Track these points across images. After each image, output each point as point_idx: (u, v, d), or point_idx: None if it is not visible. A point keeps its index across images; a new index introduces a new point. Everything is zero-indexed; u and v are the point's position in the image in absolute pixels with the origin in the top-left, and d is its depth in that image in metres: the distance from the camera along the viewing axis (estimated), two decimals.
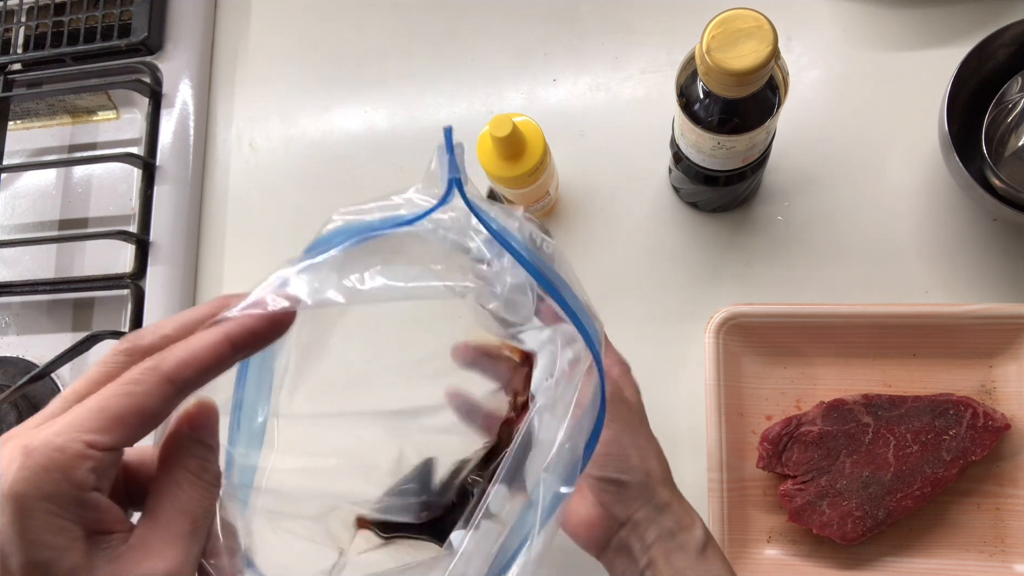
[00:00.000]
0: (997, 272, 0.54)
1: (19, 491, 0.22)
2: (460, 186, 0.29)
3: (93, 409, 0.23)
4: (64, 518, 0.23)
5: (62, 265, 0.70)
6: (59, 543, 0.23)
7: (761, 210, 0.58)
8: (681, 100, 0.46)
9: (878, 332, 0.51)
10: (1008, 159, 0.51)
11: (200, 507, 0.26)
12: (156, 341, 0.25)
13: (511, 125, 0.49)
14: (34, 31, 0.74)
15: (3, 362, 0.69)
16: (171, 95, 0.70)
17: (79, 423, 0.23)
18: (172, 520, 0.25)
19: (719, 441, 0.50)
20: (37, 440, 0.23)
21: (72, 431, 0.23)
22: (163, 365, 0.24)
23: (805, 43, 0.60)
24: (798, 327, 0.52)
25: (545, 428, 0.28)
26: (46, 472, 0.22)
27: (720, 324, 0.52)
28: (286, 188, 0.68)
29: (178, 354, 0.24)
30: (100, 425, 0.23)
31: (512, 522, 0.28)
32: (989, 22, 0.53)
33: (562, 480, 0.27)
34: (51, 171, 0.73)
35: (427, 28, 0.67)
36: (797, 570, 0.50)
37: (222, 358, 0.25)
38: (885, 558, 0.50)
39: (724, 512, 0.50)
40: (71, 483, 0.23)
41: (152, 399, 0.24)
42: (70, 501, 0.23)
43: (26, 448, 0.22)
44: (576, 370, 0.29)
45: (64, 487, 0.22)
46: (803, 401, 0.53)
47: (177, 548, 0.24)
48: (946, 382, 0.51)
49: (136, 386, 0.24)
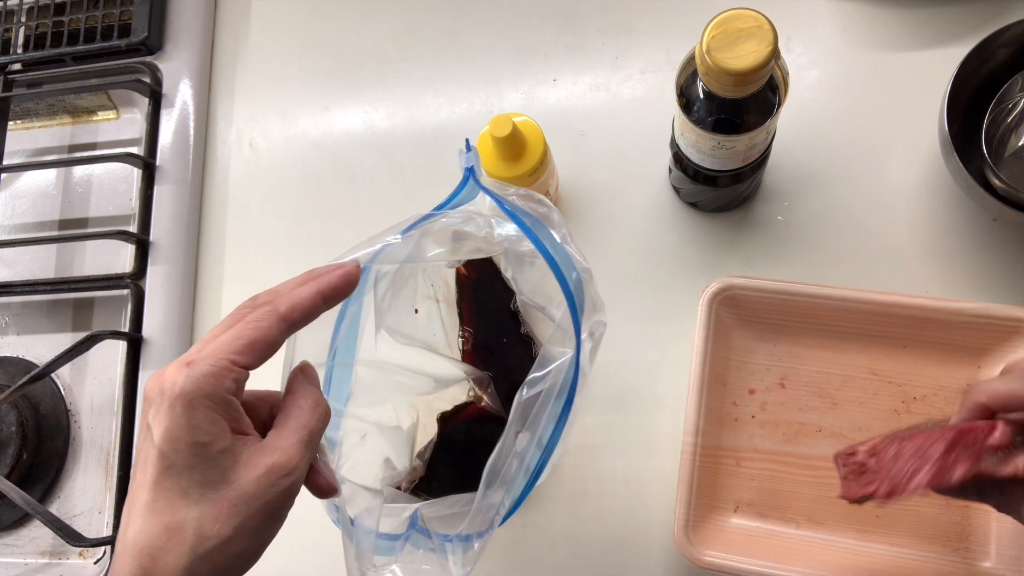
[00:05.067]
0: (996, 272, 0.54)
1: (187, 390, 0.30)
2: (473, 173, 0.41)
3: (232, 338, 0.32)
4: (217, 412, 0.31)
5: (62, 265, 0.70)
6: (214, 430, 0.31)
7: (761, 210, 0.58)
8: (681, 100, 0.46)
9: (869, 319, 0.51)
10: (1008, 159, 0.51)
11: (316, 426, 0.34)
12: (268, 297, 0.34)
13: (511, 125, 0.49)
14: (34, 31, 0.74)
15: (3, 362, 0.69)
16: (171, 95, 0.70)
17: (225, 347, 0.32)
18: (294, 431, 0.33)
19: (699, 407, 0.51)
20: (197, 358, 0.31)
21: (221, 352, 0.31)
22: (278, 308, 0.33)
23: (805, 43, 0.60)
24: (790, 305, 0.52)
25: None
26: (204, 378, 0.31)
27: (714, 295, 0.52)
28: (286, 188, 0.68)
29: (287, 300, 0.34)
30: (238, 348, 0.32)
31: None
32: (989, 22, 0.53)
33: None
34: (51, 171, 0.73)
35: (427, 28, 0.67)
36: (760, 543, 0.51)
37: (317, 304, 0.35)
38: (848, 541, 0.50)
39: (694, 476, 0.50)
40: (222, 387, 0.31)
41: (272, 331, 0.33)
42: (221, 401, 0.31)
43: (188, 363, 0.31)
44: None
45: (218, 390, 0.31)
46: (788, 379, 0.53)
47: (296, 450, 0.32)
48: (933, 377, 0.51)
49: (261, 322, 0.33)
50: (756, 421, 0.53)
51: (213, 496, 0.30)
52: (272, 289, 0.35)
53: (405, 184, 0.65)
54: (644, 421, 0.56)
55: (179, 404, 0.30)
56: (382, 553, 0.39)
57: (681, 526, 0.49)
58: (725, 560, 0.49)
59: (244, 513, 0.31)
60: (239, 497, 0.31)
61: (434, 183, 0.64)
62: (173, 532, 0.30)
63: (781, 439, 0.52)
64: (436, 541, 0.39)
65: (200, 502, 0.30)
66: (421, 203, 0.64)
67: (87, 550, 0.63)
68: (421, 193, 0.64)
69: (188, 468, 0.30)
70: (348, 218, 0.65)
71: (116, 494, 0.62)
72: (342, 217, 0.66)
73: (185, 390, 0.30)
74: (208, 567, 0.30)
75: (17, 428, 0.64)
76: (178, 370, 0.31)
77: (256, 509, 0.31)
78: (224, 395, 0.31)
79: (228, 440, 0.31)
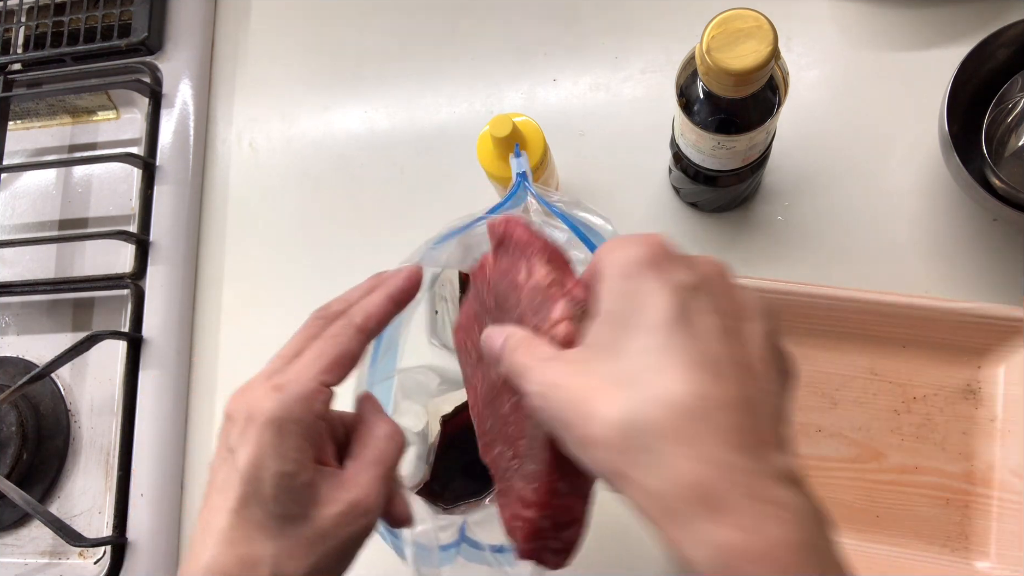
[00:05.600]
0: (996, 272, 0.54)
1: (278, 415, 0.29)
2: (525, 178, 0.43)
3: (317, 356, 0.31)
4: (305, 440, 0.30)
5: (62, 265, 0.70)
6: (301, 459, 0.30)
7: (761, 210, 0.58)
8: (681, 100, 0.46)
9: (869, 319, 0.51)
10: (1008, 159, 0.51)
11: (393, 459, 0.33)
12: (341, 307, 0.34)
13: (511, 125, 0.49)
14: (34, 31, 0.74)
15: (3, 362, 0.69)
16: (171, 95, 0.70)
17: (312, 367, 0.31)
18: (372, 466, 0.32)
19: None
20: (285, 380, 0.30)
21: (310, 372, 0.31)
22: (355, 320, 0.33)
23: (805, 43, 0.60)
24: (790, 305, 0.52)
25: None
26: (295, 402, 0.30)
27: None
28: (286, 188, 0.68)
29: (362, 310, 0.33)
30: (325, 367, 0.31)
31: None
32: (989, 22, 0.53)
33: None
34: (51, 171, 0.73)
35: (427, 28, 0.67)
36: None
37: (390, 310, 0.34)
38: (848, 541, 0.50)
39: None
40: (312, 412, 0.30)
41: (353, 345, 0.32)
42: (310, 426, 0.30)
43: (277, 386, 0.30)
44: None
45: (308, 415, 0.30)
46: None
47: (375, 487, 0.31)
48: (933, 376, 0.51)
49: (340, 337, 0.32)
50: None
51: (291, 532, 0.29)
52: (342, 297, 0.34)
53: (405, 184, 0.65)
54: None
55: (269, 430, 0.29)
56: (437, 565, 0.38)
57: None
58: None
59: (320, 552, 0.30)
60: (317, 535, 0.30)
61: (434, 183, 0.64)
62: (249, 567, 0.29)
63: None
64: (489, 555, 0.39)
65: (278, 538, 0.29)
66: (421, 203, 0.65)
67: (87, 550, 0.63)
68: (421, 193, 0.64)
69: (270, 499, 0.29)
70: (348, 218, 0.65)
71: (116, 494, 0.62)
72: (342, 217, 0.66)
73: (276, 416, 0.29)
74: None
75: (17, 428, 0.64)
76: (267, 393, 0.30)
77: (332, 547, 0.30)
78: (313, 420, 0.30)
79: (311, 471, 0.30)
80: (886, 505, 0.50)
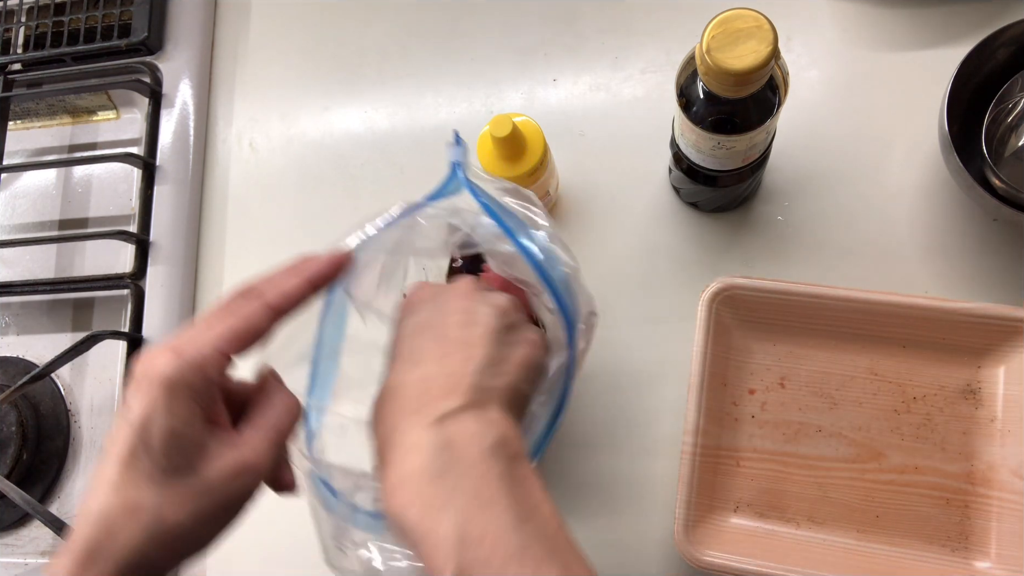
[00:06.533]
0: (996, 272, 0.54)
1: (170, 377, 0.31)
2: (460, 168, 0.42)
3: (221, 327, 0.33)
4: (196, 402, 0.32)
5: (62, 265, 0.70)
6: (190, 418, 0.32)
7: (761, 210, 0.58)
8: (681, 100, 0.46)
9: (869, 319, 0.51)
10: (1008, 159, 0.51)
11: (286, 427, 0.35)
12: (259, 284, 0.35)
13: (511, 125, 0.49)
14: (34, 31, 0.74)
15: (3, 362, 0.69)
16: (171, 95, 0.70)
17: (213, 336, 0.33)
18: (265, 430, 0.34)
19: (699, 407, 0.51)
20: (185, 345, 0.32)
21: (211, 341, 0.33)
22: (266, 297, 0.35)
23: (805, 43, 0.60)
24: (790, 305, 0.52)
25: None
26: (189, 367, 0.32)
27: (714, 295, 0.52)
28: (286, 188, 0.68)
29: (276, 290, 0.35)
30: (226, 336, 0.33)
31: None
32: (989, 22, 0.53)
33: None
34: (51, 171, 0.73)
35: (427, 28, 0.67)
36: (760, 543, 0.50)
37: (305, 291, 0.36)
38: (848, 541, 0.50)
39: (694, 476, 0.50)
40: (205, 378, 0.32)
41: (259, 320, 0.34)
42: (202, 391, 0.32)
43: (176, 349, 0.32)
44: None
45: (200, 380, 0.32)
46: (787, 379, 0.53)
47: (264, 449, 0.34)
48: (932, 377, 0.51)
49: (246, 310, 0.34)
50: (756, 421, 0.53)
51: (176, 483, 0.31)
52: (265, 276, 0.36)
53: (405, 184, 0.65)
54: (644, 421, 0.56)
55: (160, 389, 0.31)
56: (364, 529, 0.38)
57: (681, 526, 0.49)
58: (725, 560, 0.49)
59: (203, 503, 0.32)
60: (201, 488, 0.32)
61: (434, 183, 0.64)
62: (132, 511, 0.31)
63: (781, 439, 0.52)
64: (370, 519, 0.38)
65: (163, 486, 0.31)
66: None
67: None
68: (421, 193, 0.64)
69: (157, 452, 0.31)
70: (348, 218, 0.64)
71: None
72: (342, 217, 0.65)
73: (168, 377, 0.31)
74: (159, 548, 0.31)
75: (17, 428, 0.64)
76: (164, 355, 0.32)
77: (216, 501, 0.32)
78: (206, 383, 0.32)
79: (201, 430, 0.32)
80: (886, 505, 0.50)
